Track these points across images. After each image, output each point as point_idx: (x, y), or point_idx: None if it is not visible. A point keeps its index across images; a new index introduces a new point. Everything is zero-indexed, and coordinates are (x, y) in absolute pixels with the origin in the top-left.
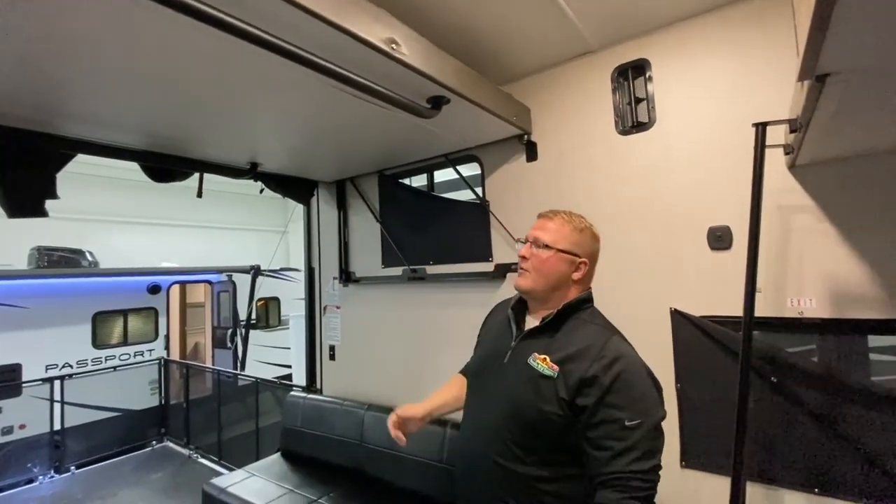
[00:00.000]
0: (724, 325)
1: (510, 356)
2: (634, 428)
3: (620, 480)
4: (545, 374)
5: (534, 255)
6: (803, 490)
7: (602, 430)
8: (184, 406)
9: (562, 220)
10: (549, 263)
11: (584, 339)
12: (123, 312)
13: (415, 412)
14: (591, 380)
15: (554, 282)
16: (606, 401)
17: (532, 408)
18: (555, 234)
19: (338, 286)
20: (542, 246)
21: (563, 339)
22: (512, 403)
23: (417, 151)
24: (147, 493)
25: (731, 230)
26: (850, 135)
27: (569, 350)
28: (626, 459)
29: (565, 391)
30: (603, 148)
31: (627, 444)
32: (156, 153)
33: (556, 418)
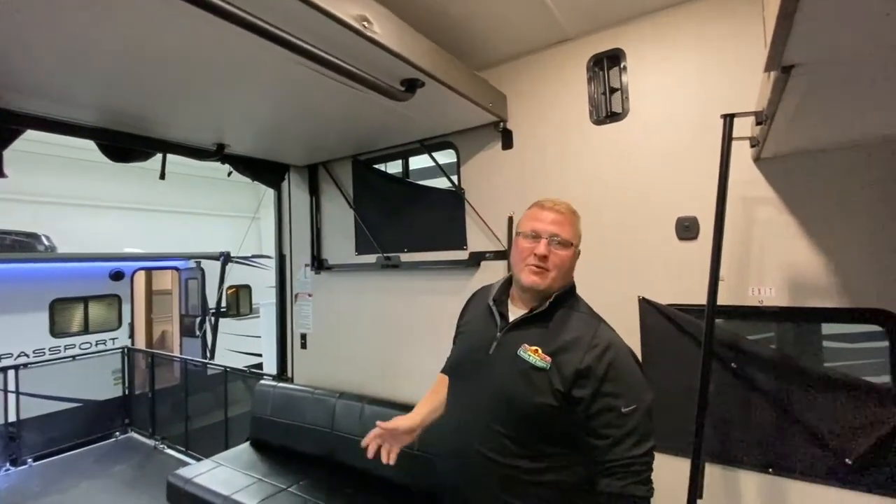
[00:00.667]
0: (689, 313)
1: (496, 348)
2: (630, 414)
3: (622, 467)
4: (538, 366)
5: (554, 253)
6: (758, 470)
7: (600, 419)
8: (149, 396)
9: (569, 212)
10: (570, 262)
11: (573, 328)
12: (84, 300)
13: (405, 424)
14: (585, 370)
15: (567, 275)
16: (602, 390)
17: (525, 400)
18: (570, 230)
19: (310, 273)
20: (563, 244)
21: (554, 329)
22: (503, 396)
23: (392, 136)
24: (110, 485)
25: (698, 221)
26: (812, 129)
27: (560, 341)
28: (626, 445)
29: (560, 382)
30: (577, 137)
31: (625, 430)
32: (113, 131)
33: (549, 410)
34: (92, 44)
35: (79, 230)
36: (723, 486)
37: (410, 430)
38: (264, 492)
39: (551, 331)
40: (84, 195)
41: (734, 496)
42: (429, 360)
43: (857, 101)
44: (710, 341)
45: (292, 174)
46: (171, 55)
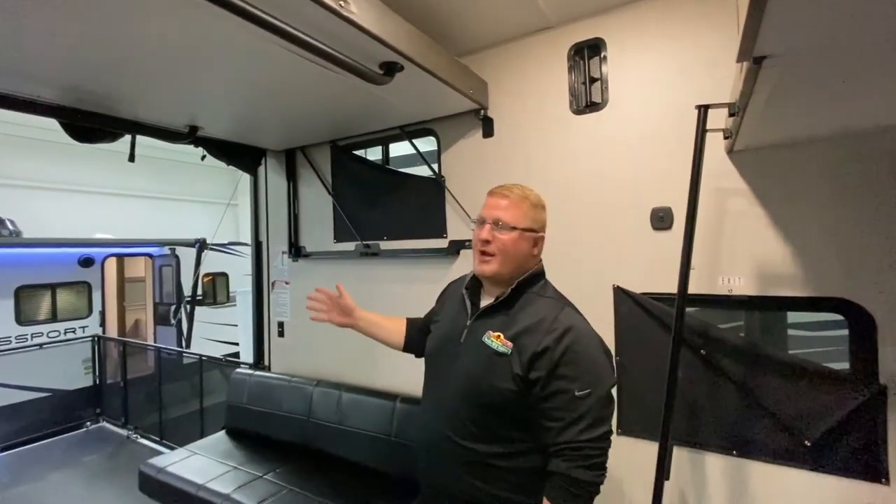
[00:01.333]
0: (661, 302)
1: (466, 335)
2: (584, 397)
3: (571, 449)
4: (500, 352)
5: (497, 238)
6: (723, 453)
7: (553, 401)
8: (121, 385)
9: (518, 197)
10: (514, 245)
11: (536, 313)
12: (52, 287)
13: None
14: (542, 352)
15: (516, 262)
16: (557, 372)
17: (488, 386)
18: (515, 213)
19: (287, 261)
20: (505, 227)
21: (516, 315)
22: (468, 382)
23: (371, 122)
24: (80, 475)
25: (672, 211)
26: (782, 122)
27: (522, 325)
28: (577, 429)
29: (519, 367)
30: (557, 127)
31: (578, 413)
32: (79, 110)
33: (510, 395)
34: (53, 17)
35: (46, 215)
36: (689, 468)
37: (349, 310)
38: (240, 480)
39: (514, 316)
40: (51, 178)
41: (700, 477)
42: None
43: (827, 96)
44: (680, 328)
45: (269, 159)
46: (139, 31)
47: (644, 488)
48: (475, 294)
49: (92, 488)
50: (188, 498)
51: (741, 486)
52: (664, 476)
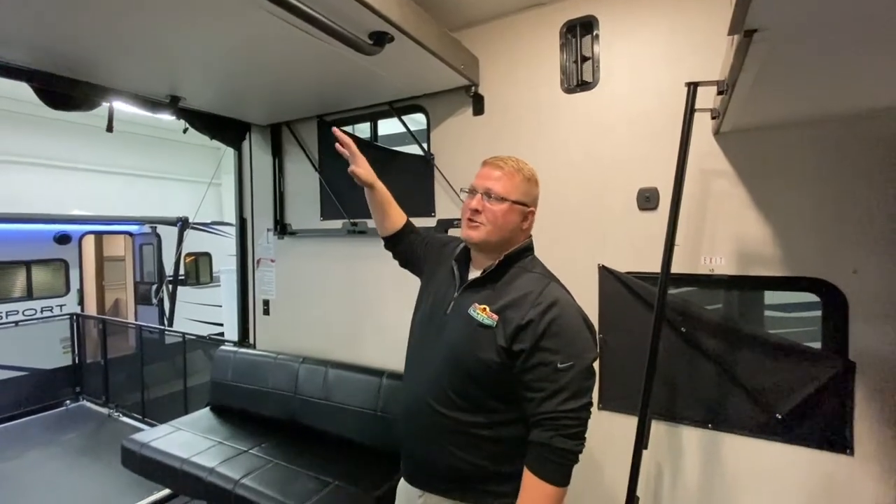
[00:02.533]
0: (645, 281)
1: (452, 307)
2: (566, 370)
3: (552, 420)
4: (485, 324)
5: (487, 208)
6: (699, 426)
7: (536, 373)
8: (101, 364)
9: (512, 169)
10: (504, 217)
11: (522, 287)
12: (26, 264)
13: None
14: (526, 325)
15: (507, 234)
16: (540, 345)
17: (471, 356)
18: (507, 185)
19: (272, 238)
20: (496, 198)
21: (503, 288)
22: (451, 353)
23: (360, 96)
24: (59, 453)
25: (658, 192)
26: (769, 102)
27: (507, 299)
28: (558, 400)
29: (503, 339)
30: (548, 105)
31: (559, 385)
32: (52, 75)
33: (494, 366)
34: None
35: (19, 189)
36: (666, 440)
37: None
38: (225, 454)
39: (500, 289)
40: (23, 151)
41: (676, 449)
42: (395, 326)
43: (815, 74)
44: (662, 306)
45: (254, 134)
46: None
47: (623, 460)
48: (464, 267)
49: (72, 465)
50: (172, 472)
51: (715, 457)
52: (643, 445)
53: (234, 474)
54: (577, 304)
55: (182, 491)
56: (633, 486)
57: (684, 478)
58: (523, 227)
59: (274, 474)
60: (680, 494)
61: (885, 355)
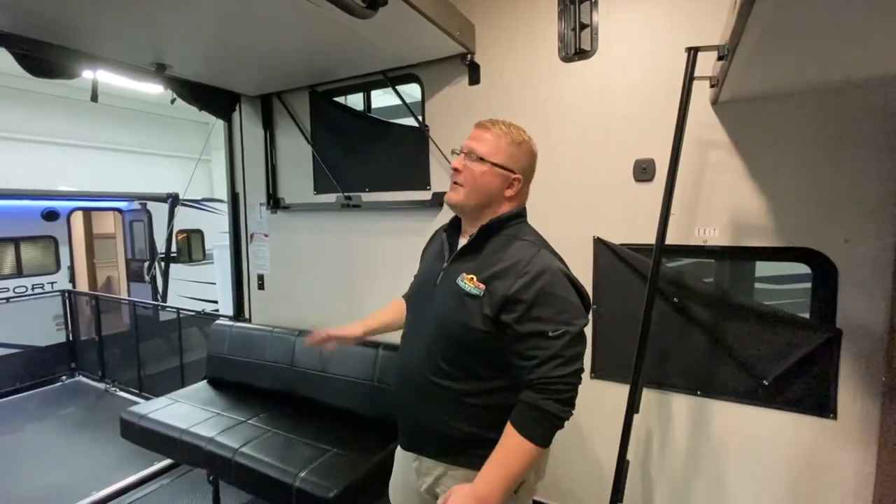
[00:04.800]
0: (639, 253)
1: (442, 277)
2: (558, 337)
3: (543, 384)
4: (472, 293)
5: (467, 167)
6: (688, 393)
7: (527, 342)
8: (96, 340)
9: (500, 131)
10: (482, 178)
11: (510, 256)
12: (14, 241)
13: (352, 331)
14: (515, 296)
15: (485, 198)
16: (531, 314)
17: (458, 325)
18: (491, 146)
19: (265, 213)
20: (476, 158)
21: (490, 256)
22: (440, 322)
23: (352, 65)
24: (57, 426)
25: (654, 163)
26: (769, 69)
27: (495, 268)
28: (550, 366)
29: (489, 308)
30: (545, 75)
31: (551, 352)
32: (33, 40)
33: (480, 334)
34: None
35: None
36: (657, 407)
37: (352, 338)
38: (223, 424)
39: (488, 258)
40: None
41: (666, 416)
42: (389, 299)
43: (817, 39)
44: (655, 276)
45: (244, 105)
46: None
47: (614, 427)
48: (453, 236)
49: (71, 437)
50: (172, 442)
51: (703, 423)
52: (634, 409)
53: (233, 443)
54: (569, 270)
55: (182, 460)
56: (623, 450)
57: (673, 442)
58: (506, 193)
59: (273, 443)
60: (668, 458)
61: (870, 323)
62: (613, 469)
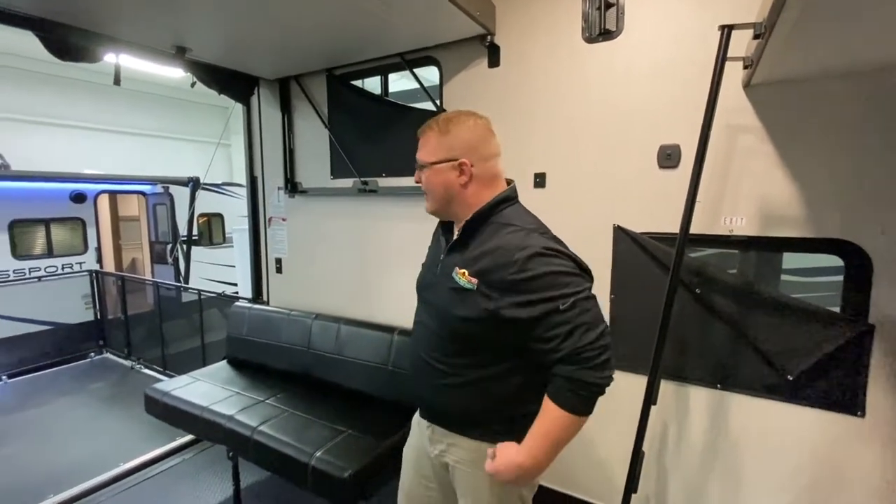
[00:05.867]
0: (661, 242)
1: (440, 269)
2: (569, 308)
3: (570, 355)
4: (465, 288)
5: (422, 178)
6: (707, 386)
7: (542, 324)
8: (122, 319)
9: (430, 131)
10: (432, 182)
11: (498, 246)
12: (45, 222)
13: None
14: (512, 287)
15: (444, 196)
16: (535, 298)
17: (457, 319)
18: (426, 149)
19: (283, 197)
20: (422, 167)
21: (478, 248)
22: (441, 314)
23: (370, 47)
24: (87, 400)
25: (680, 149)
26: (808, 49)
27: (484, 261)
28: (575, 337)
29: (485, 300)
30: (567, 56)
31: (569, 326)
32: (57, 23)
33: (477, 327)
34: None
35: (34, 149)
36: (674, 399)
37: None
38: (242, 403)
39: (476, 251)
40: (38, 112)
41: (683, 408)
42: (406, 285)
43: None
44: (678, 266)
45: (262, 89)
46: None
47: (629, 418)
48: (447, 230)
49: (99, 411)
50: (193, 419)
51: (721, 416)
52: (652, 401)
53: (251, 422)
54: (560, 245)
55: (203, 436)
56: (639, 441)
57: (690, 435)
58: (461, 182)
59: (289, 423)
60: (684, 451)
61: None
62: (628, 461)
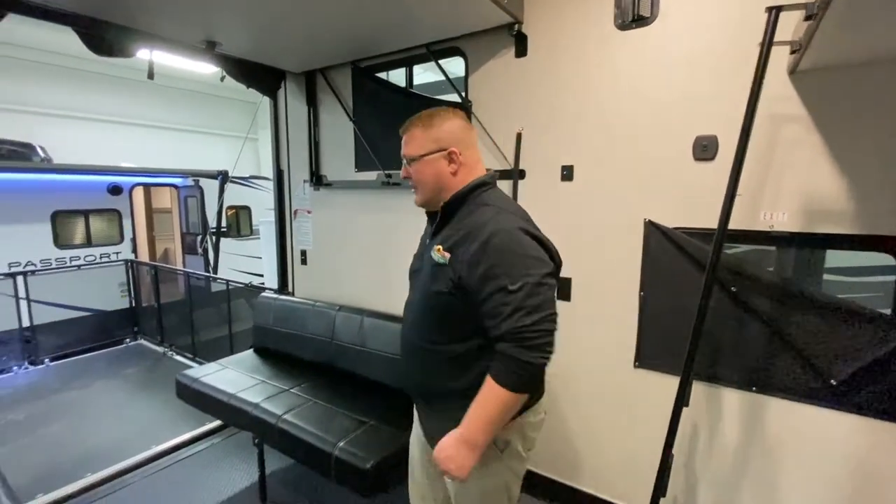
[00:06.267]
0: (694, 237)
1: (425, 252)
2: (518, 290)
3: (512, 334)
4: (440, 263)
5: (411, 173)
6: (742, 388)
7: (491, 301)
8: (155, 307)
9: (410, 127)
10: (423, 173)
11: (471, 222)
12: (84, 213)
13: None
14: (472, 258)
15: (434, 186)
16: (489, 273)
17: (433, 294)
18: (414, 144)
19: (309, 189)
20: (411, 161)
21: (456, 226)
22: (423, 293)
23: (395, 38)
24: (122, 384)
25: (717, 140)
26: (865, 30)
27: (457, 236)
28: (515, 318)
29: (453, 273)
30: (598, 44)
31: (514, 305)
32: (94, 19)
33: (451, 300)
34: None
35: (73, 142)
36: (705, 401)
37: None
38: (268, 391)
39: (454, 228)
40: (77, 107)
41: (715, 411)
42: None
43: None
44: (715, 264)
45: (289, 83)
46: None
47: (659, 420)
48: (433, 216)
49: (133, 395)
50: (221, 405)
51: (756, 420)
52: (684, 402)
53: (276, 410)
54: (530, 227)
55: (230, 422)
56: (669, 443)
57: (722, 439)
58: (452, 170)
59: (314, 412)
60: (716, 455)
61: None
62: (655, 462)
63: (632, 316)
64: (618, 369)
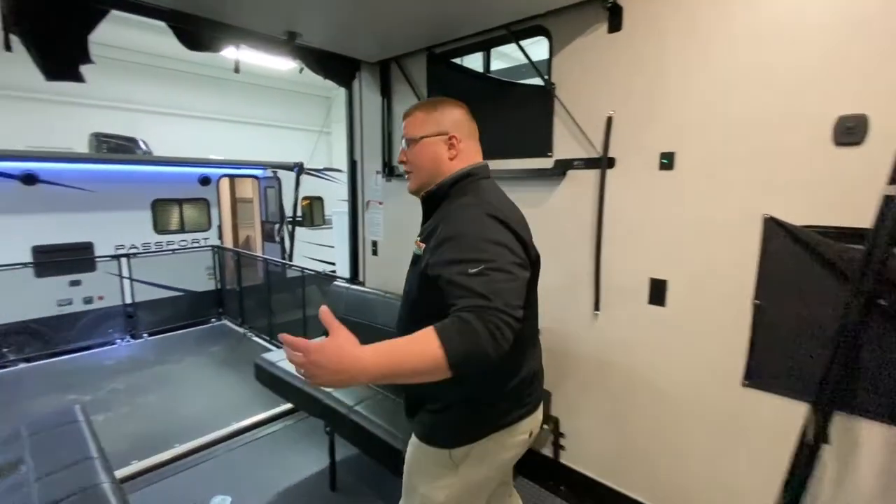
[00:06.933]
0: (829, 237)
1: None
2: (477, 275)
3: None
4: (417, 254)
5: (408, 155)
6: (886, 421)
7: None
8: (237, 291)
9: (417, 111)
10: (420, 155)
11: (446, 211)
12: (179, 202)
13: None
14: (436, 244)
15: (430, 171)
16: (451, 259)
17: (414, 287)
18: (415, 126)
19: (381, 181)
20: (410, 143)
21: (436, 216)
22: (407, 287)
23: (474, 20)
24: (208, 361)
25: (867, 120)
26: None
27: (431, 226)
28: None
29: (424, 263)
30: (709, 11)
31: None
32: (183, 13)
33: (427, 292)
34: None
35: (168, 137)
36: (837, 432)
37: None
38: None
39: (432, 220)
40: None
41: (848, 445)
42: None
43: None
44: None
45: (363, 73)
46: None
47: (767, 445)
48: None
49: (218, 372)
50: (295, 390)
51: None
52: (822, 438)
53: (348, 401)
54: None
55: (304, 408)
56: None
57: (856, 479)
58: (450, 155)
59: (383, 406)
60: (847, 497)
61: None
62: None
63: (742, 326)
64: (720, 386)
